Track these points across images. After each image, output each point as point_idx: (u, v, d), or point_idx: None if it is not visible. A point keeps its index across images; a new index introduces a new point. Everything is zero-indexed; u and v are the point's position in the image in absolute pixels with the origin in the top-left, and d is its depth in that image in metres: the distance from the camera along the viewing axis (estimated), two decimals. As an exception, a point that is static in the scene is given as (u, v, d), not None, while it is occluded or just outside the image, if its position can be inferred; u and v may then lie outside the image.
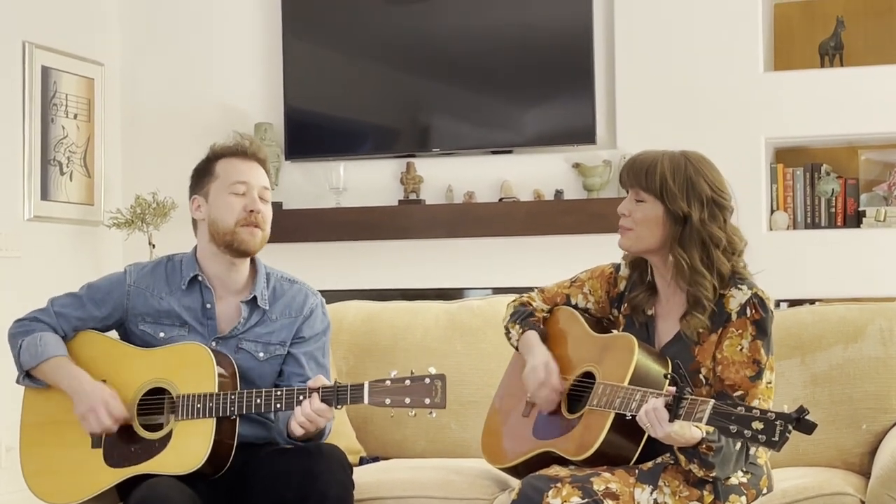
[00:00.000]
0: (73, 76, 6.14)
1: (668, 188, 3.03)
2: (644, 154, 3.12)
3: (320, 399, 3.12)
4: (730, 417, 2.68)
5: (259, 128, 6.24)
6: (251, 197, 3.33)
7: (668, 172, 3.04)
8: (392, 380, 3.08)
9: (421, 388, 3.05)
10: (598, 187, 5.87)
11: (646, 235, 3.08)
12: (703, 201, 3.04)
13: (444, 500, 3.36)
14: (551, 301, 3.38)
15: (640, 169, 3.08)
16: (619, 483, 2.90)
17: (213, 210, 3.34)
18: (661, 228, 3.06)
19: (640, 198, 3.08)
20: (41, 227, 5.92)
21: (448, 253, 6.09)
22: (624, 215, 3.11)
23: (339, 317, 4.08)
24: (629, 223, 3.10)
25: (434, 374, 3.06)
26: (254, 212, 3.32)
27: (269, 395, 3.16)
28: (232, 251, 3.34)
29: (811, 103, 5.66)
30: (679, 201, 3.03)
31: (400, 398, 3.06)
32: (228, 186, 3.33)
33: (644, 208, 3.07)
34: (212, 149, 3.41)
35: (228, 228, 3.31)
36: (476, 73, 6.11)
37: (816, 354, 3.63)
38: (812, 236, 5.72)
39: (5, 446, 5.49)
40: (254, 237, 3.33)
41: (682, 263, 3.03)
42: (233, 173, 3.34)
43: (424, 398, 3.05)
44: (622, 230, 3.13)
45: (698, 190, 3.04)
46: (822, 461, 3.54)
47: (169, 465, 3.15)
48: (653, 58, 5.85)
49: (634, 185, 3.09)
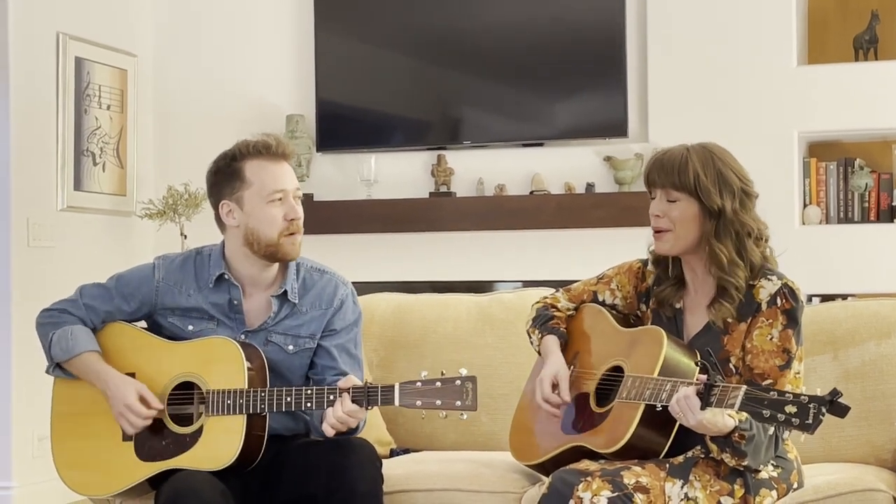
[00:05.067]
0: (106, 67, 6.17)
1: (702, 184, 3.01)
2: (668, 152, 3.09)
3: (351, 399, 3.11)
4: (762, 402, 2.66)
5: (290, 120, 6.25)
6: (289, 204, 3.28)
7: (700, 168, 3.02)
8: (423, 381, 3.07)
9: (452, 390, 3.04)
10: (630, 181, 5.86)
11: (684, 235, 3.06)
12: (733, 192, 3.03)
13: (474, 493, 3.35)
14: (577, 299, 3.37)
15: (671, 167, 3.04)
16: (649, 477, 2.89)
17: (252, 221, 3.27)
18: (698, 225, 3.04)
19: (672, 197, 3.05)
20: (74, 217, 5.96)
21: (479, 246, 6.09)
22: (658, 216, 3.07)
23: (370, 309, 4.08)
24: (665, 224, 3.06)
25: (465, 376, 3.05)
26: (295, 220, 3.29)
27: (300, 393, 3.15)
28: (271, 258, 3.32)
29: (845, 97, 5.63)
30: (713, 196, 3.01)
31: (431, 400, 3.05)
32: (266, 196, 3.26)
33: (680, 207, 3.05)
34: (237, 147, 3.31)
35: (272, 241, 3.27)
36: (507, 65, 6.11)
37: (849, 350, 3.60)
38: (845, 231, 5.69)
39: (38, 435, 5.53)
40: (295, 246, 3.30)
41: (720, 256, 3.02)
42: (268, 181, 3.27)
43: (455, 400, 3.04)
44: (659, 233, 3.08)
45: (729, 182, 3.03)
46: (854, 457, 3.52)
47: (201, 460, 3.15)
48: (685, 51, 5.83)
49: (666, 184, 3.05)
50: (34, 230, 5.72)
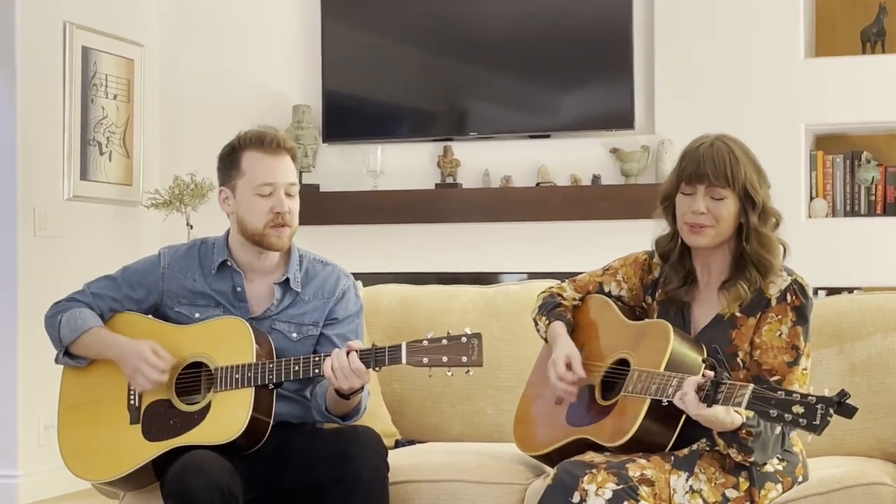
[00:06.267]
0: (112, 57, 6.17)
1: (750, 179, 3.01)
2: (712, 146, 3.03)
3: (359, 358, 3.13)
4: (770, 402, 2.66)
5: (297, 110, 6.25)
6: (278, 198, 3.32)
7: (746, 162, 3.02)
8: (429, 339, 3.11)
9: (458, 346, 3.08)
10: (636, 173, 5.85)
11: (726, 230, 3.04)
12: (765, 183, 3.05)
13: (478, 484, 3.36)
14: (583, 290, 3.37)
15: (722, 163, 2.99)
16: (654, 469, 2.89)
17: (242, 209, 3.34)
18: (737, 220, 3.04)
19: (719, 195, 3.01)
20: (80, 206, 5.97)
21: (484, 237, 6.09)
22: (701, 213, 3.02)
23: (376, 300, 4.09)
24: (708, 220, 3.02)
25: (470, 333, 3.09)
26: (280, 213, 3.32)
27: (308, 360, 3.18)
28: (260, 247, 3.36)
29: (852, 90, 5.62)
30: (758, 189, 3.01)
31: (437, 357, 3.09)
32: (255, 188, 3.31)
33: (727, 205, 3.01)
34: (238, 136, 3.38)
35: (257, 230, 3.32)
36: (514, 56, 6.10)
37: (855, 343, 3.60)
38: (851, 224, 5.68)
39: (44, 424, 5.54)
40: (281, 238, 3.34)
41: (773, 244, 3.03)
42: (259, 173, 3.32)
43: (461, 356, 3.07)
44: (700, 228, 3.03)
45: (762, 173, 3.05)
46: (860, 451, 3.52)
47: (208, 434, 3.18)
48: (692, 43, 5.82)
49: (719, 180, 2.99)
50: (40, 220, 5.72)
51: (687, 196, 3.05)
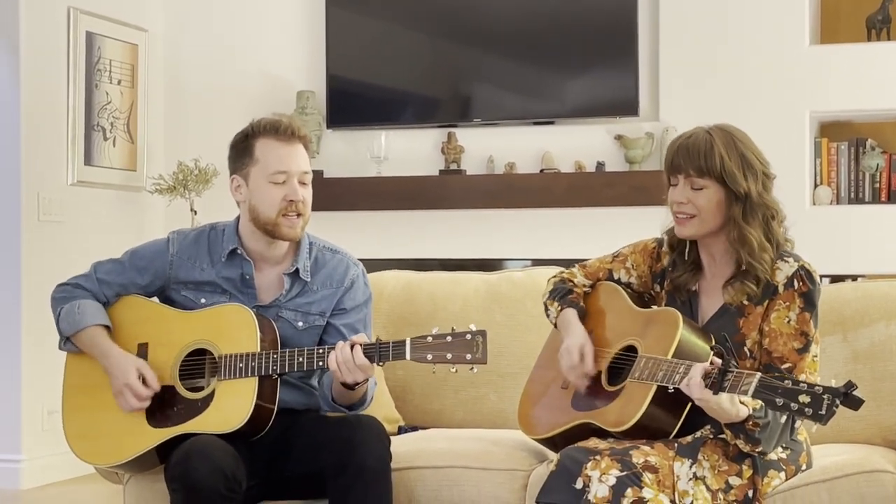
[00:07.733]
0: (117, 42, 6.17)
1: (728, 168, 2.99)
2: (691, 136, 3.05)
3: (363, 353, 3.13)
4: (776, 391, 2.66)
5: (301, 96, 6.24)
6: (291, 186, 3.30)
7: (724, 152, 3.00)
8: (433, 336, 3.09)
9: (462, 343, 3.07)
10: (640, 159, 5.85)
11: (709, 220, 3.04)
12: (756, 175, 3.02)
13: (481, 470, 3.36)
14: (593, 276, 3.36)
15: (697, 154, 3.01)
16: (658, 456, 2.90)
17: (255, 198, 3.32)
18: (723, 210, 3.02)
19: (698, 185, 3.02)
20: (84, 192, 5.97)
21: (488, 224, 6.09)
22: (682, 203, 3.04)
23: (379, 286, 4.09)
24: (690, 210, 3.03)
25: (475, 330, 3.07)
26: (294, 201, 3.30)
27: (312, 353, 3.18)
28: (271, 236, 3.35)
29: (857, 77, 5.61)
30: (739, 180, 2.99)
31: (441, 353, 3.07)
32: (268, 176, 3.29)
33: (707, 194, 3.02)
34: (251, 124, 3.36)
35: (270, 219, 3.30)
36: (518, 42, 6.09)
37: (859, 331, 3.60)
38: (856, 211, 5.68)
39: (47, 409, 5.55)
40: (294, 228, 3.32)
41: (750, 240, 3.00)
42: (273, 161, 3.30)
43: (465, 353, 3.06)
44: (682, 218, 3.05)
45: (752, 164, 3.02)
46: (862, 438, 3.52)
47: (211, 423, 3.18)
48: (697, 30, 5.81)
49: (692, 170, 3.01)
50: (44, 205, 5.73)
51: (672, 187, 3.08)
